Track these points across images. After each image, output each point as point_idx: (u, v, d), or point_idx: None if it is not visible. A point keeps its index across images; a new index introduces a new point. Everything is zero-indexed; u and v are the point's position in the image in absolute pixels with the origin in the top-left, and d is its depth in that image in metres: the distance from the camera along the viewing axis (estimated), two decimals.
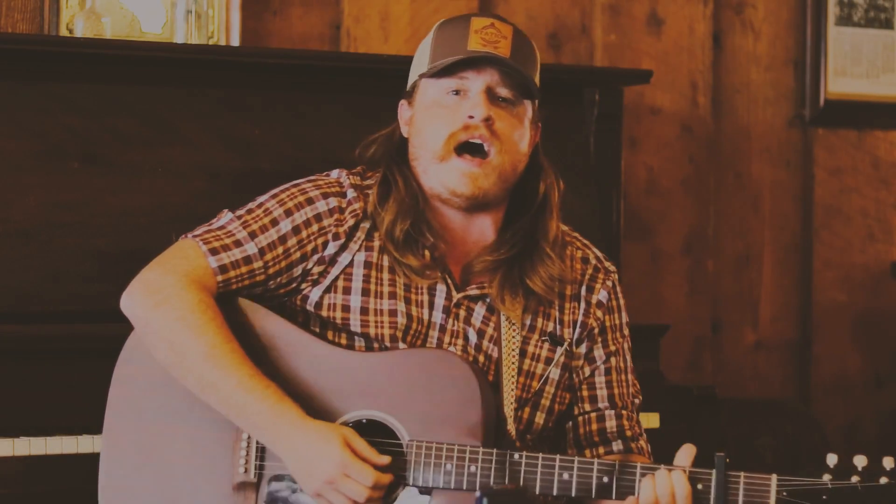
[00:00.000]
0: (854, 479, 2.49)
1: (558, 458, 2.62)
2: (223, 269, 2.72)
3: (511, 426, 2.75)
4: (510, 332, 2.81)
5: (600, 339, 2.89)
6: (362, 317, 2.77)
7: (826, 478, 2.50)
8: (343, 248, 2.79)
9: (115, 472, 2.75)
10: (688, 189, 4.63)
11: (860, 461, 2.52)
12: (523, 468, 2.62)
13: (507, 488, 2.57)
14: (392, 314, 2.77)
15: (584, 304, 2.88)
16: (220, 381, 2.63)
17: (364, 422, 2.68)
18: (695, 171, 4.64)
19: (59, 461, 3.01)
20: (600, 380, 2.89)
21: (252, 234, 2.75)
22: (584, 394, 2.88)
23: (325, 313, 2.78)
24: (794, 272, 4.82)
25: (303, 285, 2.79)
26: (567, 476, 2.61)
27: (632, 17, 4.54)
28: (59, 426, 3.05)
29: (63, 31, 3.75)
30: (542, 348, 2.84)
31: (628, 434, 2.87)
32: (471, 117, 2.76)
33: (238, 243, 2.74)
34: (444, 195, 2.79)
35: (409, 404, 2.67)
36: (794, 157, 4.82)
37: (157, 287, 2.69)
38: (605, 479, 2.60)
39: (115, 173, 3.34)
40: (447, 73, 2.78)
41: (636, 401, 2.92)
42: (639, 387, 2.95)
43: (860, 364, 4.88)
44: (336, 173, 2.87)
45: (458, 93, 2.79)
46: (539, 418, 2.83)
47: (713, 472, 2.56)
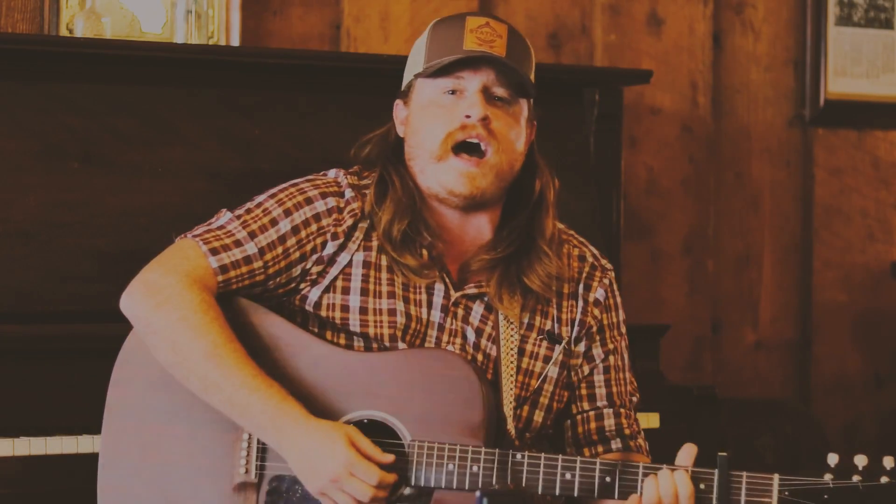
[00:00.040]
0: (855, 478, 2.50)
1: (560, 458, 2.61)
2: (224, 269, 2.72)
3: (510, 425, 2.75)
4: (508, 331, 2.81)
5: (598, 337, 2.89)
6: (361, 316, 2.77)
7: (827, 477, 2.51)
8: (342, 247, 2.79)
9: (115, 474, 2.75)
10: (688, 189, 4.62)
11: (861, 461, 2.52)
12: (525, 468, 2.61)
13: (506, 488, 2.57)
14: (391, 314, 2.77)
15: (581, 303, 2.88)
16: (223, 381, 2.63)
17: (365, 422, 2.68)
18: (695, 171, 4.63)
19: (59, 461, 3.01)
20: (599, 378, 2.89)
21: (252, 234, 2.75)
22: (583, 392, 2.88)
23: (324, 313, 2.78)
24: (794, 272, 4.82)
25: (302, 285, 2.79)
26: (569, 476, 2.61)
27: (632, 17, 4.53)
28: (59, 426, 3.05)
29: (63, 31, 3.75)
30: (540, 347, 2.84)
31: (627, 432, 2.87)
32: (468, 117, 2.75)
33: (238, 243, 2.74)
34: (441, 195, 2.79)
35: (410, 404, 2.66)
36: (794, 157, 4.81)
37: (159, 287, 2.68)
38: (608, 478, 2.60)
39: (115, 173, 3.34)
40: (443, 72, 2.78)
41: (634, 399, 2.92)
42: (636, 385, 2.95)
43: (860, 364, 4.88)
44: (333, 173, 2.86)
45: (455, 92, 2.78)
46: (538, 416, 2.83)
47: (715, 471, 2.56)
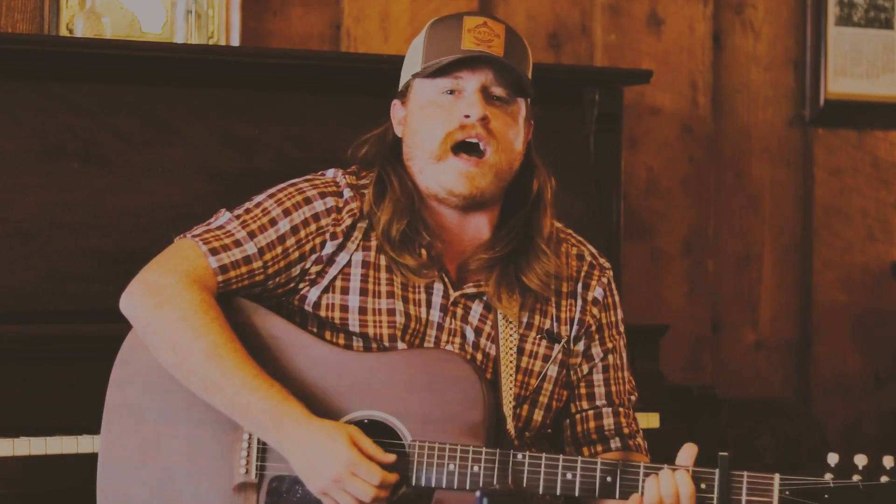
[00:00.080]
0: (855, 478, 2.50)
1: (561, 458, 2.61)
2: (223, 269, 2.71)
3: (510, 424, 2.75)
4: (507, 330, 2.81)
5: (597, 336, 2.89)
6: (361, 316, 2.77)
7: (828, 477, 2.51)
8: (341, 247, 2.79)
9: (114, 475, 2.74)
10: (688, 189, 4.62)
11: (860, 460, 2.53)
12: (526, 468, 2.61)
13: (507, 488, 2.57)
14: (390, 313, 2.77)
15: (580, 302, 2.88)
16: (224, 381, 2.63)
17: (366, 422, 2.67)
18: (695, 171, 4.63)
19: (59, 461, 3.01)
20: (598, 377, 2.89)
21: (251, 234, 2.75)
22: (582, 391, 2.88)
23: (323, 313, 2.77)
24: (794, 272, 4.82)
25: (301, 285, 2.79)
26: (570, 476, 2.61)
27: (632, 17, 4.53)
28: (59, 426, 3.05)
29: (63, 31, 3.75)
30: (539, 346, 2.84)
31: (626, 431, 2.87)
32: (467, 116, 2.75)
33: (238, 243, 2.74)
34: (440, 195, 2.79)
35: (410, 404, 2.66)
36: (794, 157, 4.81)
37: (159, 287, 2.68)
38: (609, 478, 2.60)
39: (115, 173, 3.34)
40: (442, 72, 2.77)
41: (632, 398, 2.93)
42: (634, 383, 2.95)
43: (860, 364, 4.88)
44: (331, 173, 2.86)
45: (453, 92, 2.78)
46: (537, 415, 2.83)
47: (716, 471, 2.56)
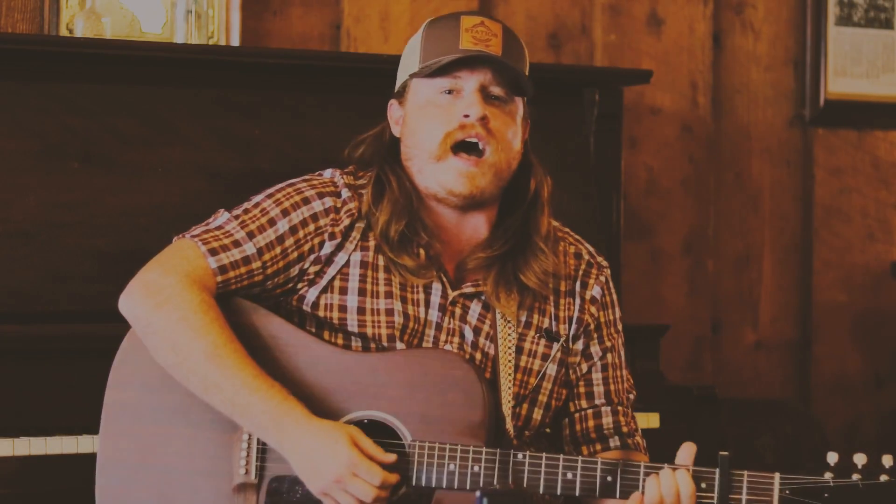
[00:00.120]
0: (855, 477, 2.51)
1: (562, 457, 2.61)
2: (223, 269, 2.71)
3: (509, 424, 2.75)
4: (506, 329, 2.81)
5: (596, 335, 2.89)
6: (359, 317, 2.76)
7: (827, 476, 2.51)
8: (339, 247, 2.79)
9: (113, 476, 2.74)
10: (688, 189, 4.62)
11: (860, 459, 2.53)
12: (526, 468, 2.61)
13: (507, 488, 2.57)
14: (389, 313, 2.77)
15: (578, 300, 2.87)
16: (224, 382, 2.62)
17: (365, 422, 2.67)
18: (695, 171, 4.63)
19: (59, 461, 3.01)
20: (597, 376, 2.89)
21: (250, 235, 2.74)
22: (581, 390, 2.88)
23: (321, 313, 2.77)
24: (794, 272, 4.82)
25: (299, 285, 2.79)
26: (571, 476, 2.61)
27: (632, 17, 4.53)
28: (59, 426, 3.05)
29: (63, 31, 3.75)
30: (538, 345, 2.84)
31: (625, 430, 2.87)
32: (466, 116, 2.75)
33: (237, 244, 2.73)
34: (440, 194, 2.79)
35: (410, 404, 2.66)
36: (794, 157, 4.81)
37: (158, 288, 2.67)
38: (609, 478, 2.60)
39: (115, 173, 3.34)
40: (441, 72, 2.77)
41: (631, 396, 2.93)
42: (633, 382, 2.95)
43: (860, 364, 4.88)
44: (329, 173, 2.86)
45: (451, 92, 2.78)
46: (537, 414, 2.83)
47: (717, 470, 2.56)
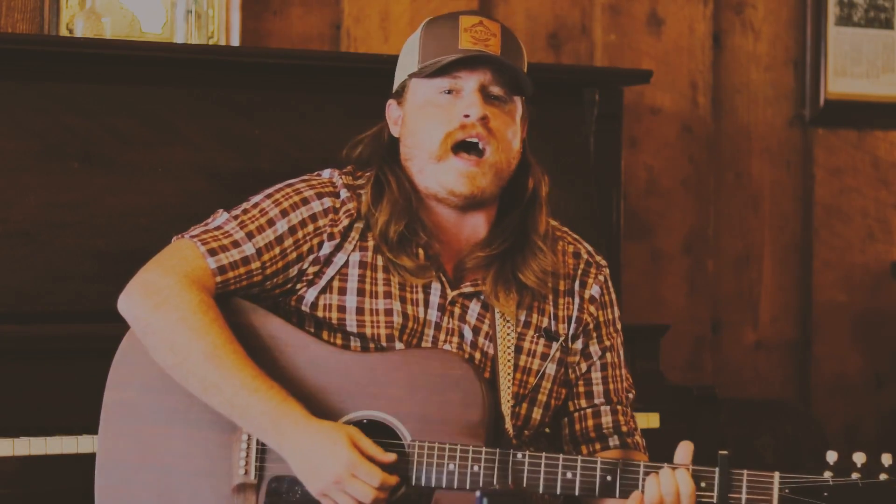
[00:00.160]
0: (854, 476, 2.51)
1: (561, 457, 2.61)
2: (222, 269, 2.71)
3: (508, 423, 2.75)
4: (505, 329, 2.81)
5: (595, 334, 2.89)
6: (358, 317, 2.76)
7: (827, 475, 2.52)
8: (338, 248, 2.79)
9: (112, 476, 2.74)
10: (688, 189, 4.62)
11: (859, 458, 2.53)
12: (526, 468, 2.61)
13: (507, 488, 2.57)
14: (388, 314, 2.77)
15: (577, 300, 2.87)
16: (223, 383, 2.62)
17: (365, 422, 2.67)
18: (695, 171, 4.63)
19: (59, 461, 3.01)
20: (596, 375, 2.89)
21: (249, 235, 2.74)
22: (580, 389, 2.88)
23: (320, 314, 2.77)
24: (794, 272, 4.82)
25: (298, 285, 2.79)
26: (570, 475, 2.61)
27: (632, 17, 4.53)
28: (59, 426, 3.05)
29: (63, 31, 3.75)
30: (537, 344, 2.84)
31: (624, 429, 2.87)
32: (466, 116, 2.75)
33: (236, 244, 2.73)
34: (441, 194, 2.79)
35: (410, 404, 2.66)
36: (794, 157, 4.81)
37: (157, 288, 2.67)
38: (609, 477, 2.60)
39: (115, 173, 3.34)
40: (441, 72, 2.77)
41: (630, 395, 2.93)
42: (632, 381, 2.95)
43: (860, 364, 4.88)
44: (328, 173, 2.86)
45: (451, 92, 2.78)
46: (536, 414, 2.83)
47: (716, 469, 2.56)
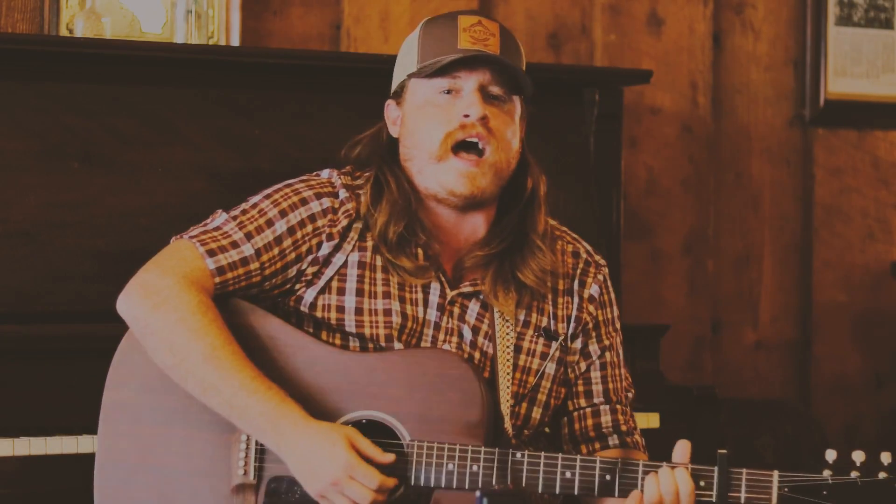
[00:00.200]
0: (853, 474, 2.51)
1: (560, 456, 2.61)
2: (221, 270, 2.71)
3: (508, 423, 2.75)
4: (504, 328, 2.81)
5: (594, 333, 2.89)
6: (357, 317, 2.76)
7: (826, 473, 2.52)
8: (337, 248, 2.79)
9: (112, 477, 2.74)
10: (688, 189, 4.62)
11: (858, 457, 2.54)
12: (525, 467, 2.61)
13: (506, 488, 2.57)
14: (387, 314, 2.77)
15: (576, 299, 2.87)
16: (222, 384, 2.62)
17: (364, 422, 2.67)
18: (695, 171, 4.63)
19: (59, 461, 3.01)
20: (595, 375, 2.89)
21: (248, 236, 2.74)
22: (580, 389, 2.88)
23: (319, 314, 2.77)
24: (794, 272, 4.82)
25: (297, 286, 2.78)
26: (569, 475, 2.61)
27: (632, 17, 4.53)
28: (59, 426, 3.05)
29: (63, 31, 3.75)
30: (537, 343, 2.84)
31: (623, 429, 2.87)
32: (466, 116, 2.75)
33: (235, 244, 2.73)
34: (440, 195, 2.79)
35: (408, 404, 2.66)
36: (794, 157, 4.81)
37: (156, 289, 2.67)
38: (608, 476, 2.60)
39: (115, 173, 3.34)
40: (440, 72, 2.77)
41: (629, 394, 2.93)
42: (631, 380, 2.95)
43: (860, 364, 4.88)
44: (327, 173, 2.86)
45: (450, 92, 2.78)
46: (536, 413, 2.83)
47: (715, 468, 2.57)
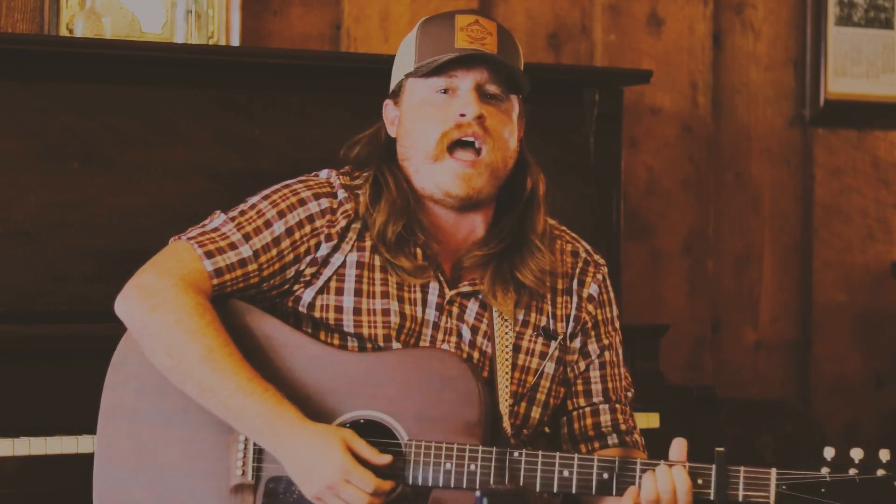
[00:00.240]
0: (851, 471, 2.51)
1: (558, 455, 2.61)
2: (219, 272, 2.71)
3: (506, 423, 2.75)
4: (503, 328, 2.81)
5: (593, 333, 2.89)
6: (355, 317, 2.76)
7: (824, 471, 2.51)
8: (335, 248, 2.78)
9: (110, 478, 2.74)
10: (688, 189, 4.62)
11: (857, 454, 2.53)
12: (523, 466, 2.61)
13: (507, 488, 2.57)
14: (385, 314, 2.77)
15: (576, 298, 2.87)
16: (219, 385, 2.62)
17: (362, 422, 2.67)
18: (695, 171, 4.63)
19: (59, 461, 3.01)
20: (595, 374, 2.89)
21: (246, 237, 2.74)
22: (579, 388, 2.88)
23: (317, 314, 2.77)
24: (794, 272, 4.82)
25: (295, 286, 2.78)
26: (567, 473, 2.61)
27: (632, 17, 4.54)
28: (59, 426, 3.05)
29: (63, 31, 3.75)
30: (536, 343, 2.84)
31: (623, 428, 2.87)
32: (462, 115, 2.75)
33: (233, 246, 2.73)
34: (437, 195, 2.78)
35: (406, 404, 2.66)
36: (794, 157, 4.81)
37: (154, 290, 2.67)
38: (606, 475, 2.60)
39: (115, 173, 3.34)
40: (436, 72, 2.77)
41: (629, 394, 2.93)
42: (630, 380, 2.95)
43: (860, 364, 4.88)
44: (325, 174, 2.86)
45: (447, 91, 2.77)
46: (535, 413, 2.83)
47: (713, 466, 2.56)
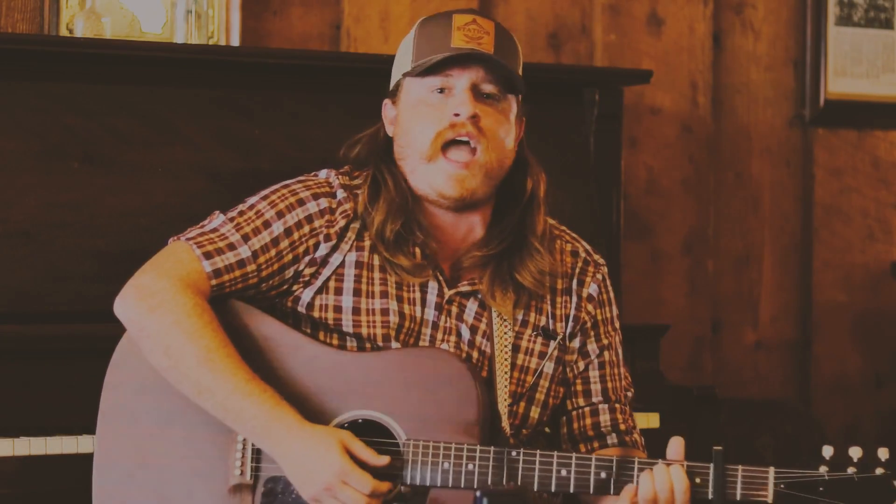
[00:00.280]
0: (850, 470, 2.51)
1: (556, 454, 2.61)
2: (217, 272, 2.71)
3: (505, 422, 2.75)
4: (502, 328, 2.81)
5: (593, 333, 2.89)
6: (354, 317, 2.76)
7: (822, 469, 2.51)
8: (334, 248, 2.79)
9: (109, 478, 2.74)
10: (688, 189, 4.62)
11: (855, 453, 2.53)
12: (521, 465, 2.61)
13: (506, 488, 2.57)
14: (384, 313, 2.77)
15: (575, 298, 2.87)
16: (216, 386, 2.62)
17: (360, 422, 2.67)
18: (695, 171, 4.63)
19: (59, 461, 3.01)
20: (594, 374, 2.89)
21: (245, 237, 2.74)
22: (579, 388, 2.88)
23: (316, 314, 2.77)
24: (794, 272, 4.82)
25: (294, 287, 2.79)
26: (565, 472, 2.61)
27: (632, 17, 4.54)
28: (59, 426, 3.05)
29: (63, 31, 3.75)
30: (535, 343, 2.84)
31: (622, 428, 2.87)
32: (456, 115, 2.75)
33: (232, 246, 2.73)
34: (431, 196, 2.79)
35: (405, 403, 2.66)
36: (794, 157, 4.81)
37: (152, 291, 2.67)
38: (603, 474, 2.60)
39: (115, 173, 3.34)
40: (432, 71, 2.77)
41: (629, 394, 2.93)
42: (630, 380, 2.95)
43: (860, 364, 4.88)
44: (325, 173, 2.86)
45: (443, 90, 2.77)
46: (534, 413, 2.83)
47: (711, 465, 2.56)
